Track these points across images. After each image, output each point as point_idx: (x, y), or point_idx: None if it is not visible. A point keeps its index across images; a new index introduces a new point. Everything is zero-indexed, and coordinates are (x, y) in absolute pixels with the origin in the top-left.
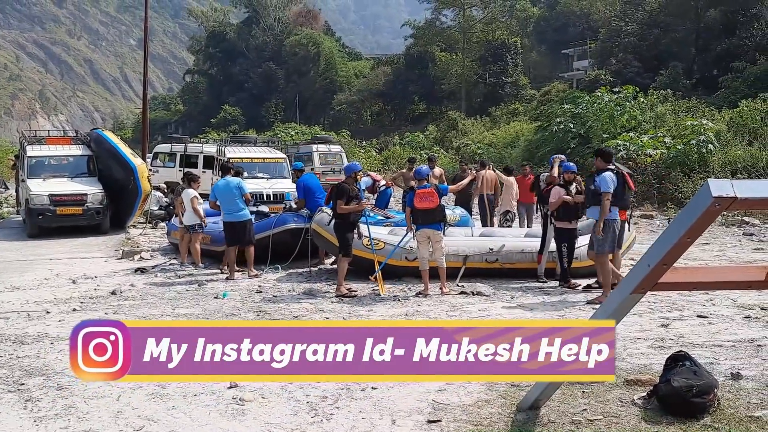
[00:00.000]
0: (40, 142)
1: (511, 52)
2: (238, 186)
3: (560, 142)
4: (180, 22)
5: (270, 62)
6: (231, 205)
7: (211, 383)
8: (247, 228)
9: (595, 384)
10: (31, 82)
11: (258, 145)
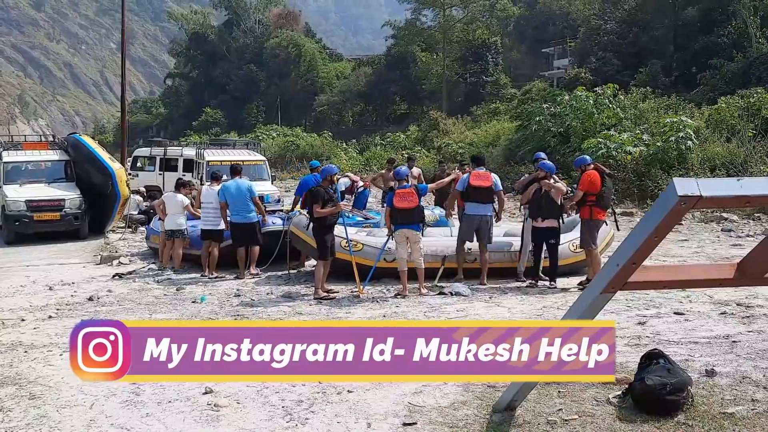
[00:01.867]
0: (17, 147)
1: (492, 52)
2: (248, 189)
3: (540, 141)
4: (160, 24)
5: (251, 64)
6: (241, 206)
7: (186, 389)
8: (255, 229)
9: (570, 383)
10: (10, 86)
11: (237, 147)
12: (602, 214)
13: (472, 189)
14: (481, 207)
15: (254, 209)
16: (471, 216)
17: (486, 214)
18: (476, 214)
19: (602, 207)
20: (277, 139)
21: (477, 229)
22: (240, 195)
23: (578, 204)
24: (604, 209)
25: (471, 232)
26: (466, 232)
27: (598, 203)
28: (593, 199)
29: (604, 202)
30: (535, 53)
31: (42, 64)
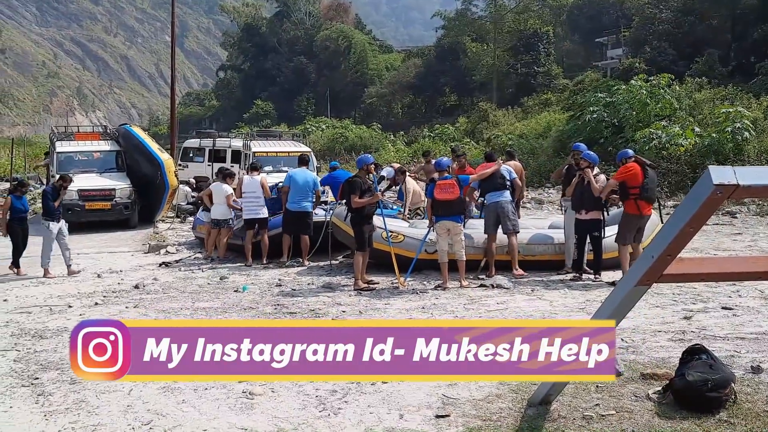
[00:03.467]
0: (70, 137)
1: (544, 42)
2: (314, 181)
3: (593, 132)
4: (214, 17)
5: (301, 56)
6: (301, 195)
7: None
8: (308, 219)
9: None
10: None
11: (283, 139)
12: (648, 208)
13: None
14: (495, 194)
15: (312, 201)
16: (488, 206)
17: (500, 200)
18: (491, 203)
19: (647, 200)
20: (326, 132)
21: (497, 218)
22: (305, 185)
23: (622, 197)
24: (650, 202)
25: (491, 223)
26: (487, 224)
27: (641, 196)
28: (636, 192)
29: (649, 195)
30: (588, 43)
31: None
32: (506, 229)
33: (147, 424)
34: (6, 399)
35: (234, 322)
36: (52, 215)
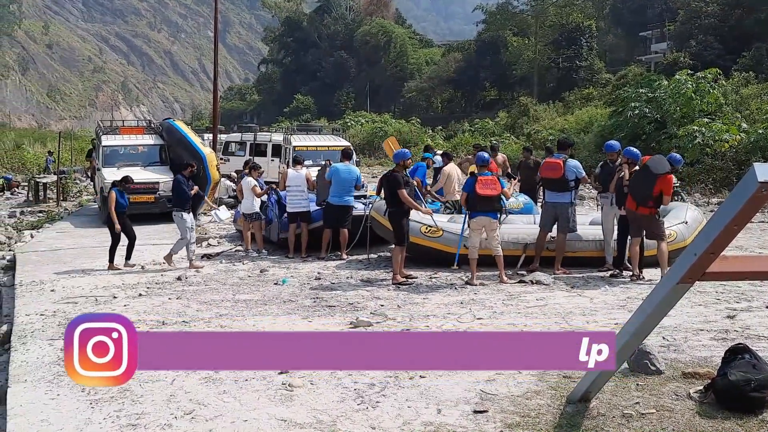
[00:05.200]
0: (115, 131)
1: (586, 36)
2: (357, 176)
3: (635, 128)
4: (255, 13)
5: (341, 51)
6: (343, 189)
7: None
8: (349, 213)
9: (650, 376)
10: (114, 74)
11: (323, 133)
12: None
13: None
14: (557, 195)
15: (353, 195)
16: (548, 204)
17: (562, 202)
18: (552, 202)
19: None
20: (366, 126)
21: (556, 217)
22: (349, 179)
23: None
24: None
25: (548, 221)
26: (544, 220)
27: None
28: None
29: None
30: (631, 37)
31: (144, 52)
32: (562, 229)
33: (189, 414)
34: (53, 387)
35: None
36: (184, 205)
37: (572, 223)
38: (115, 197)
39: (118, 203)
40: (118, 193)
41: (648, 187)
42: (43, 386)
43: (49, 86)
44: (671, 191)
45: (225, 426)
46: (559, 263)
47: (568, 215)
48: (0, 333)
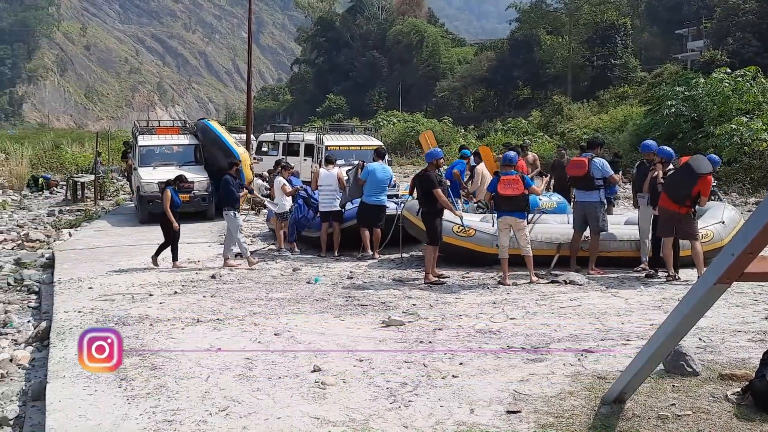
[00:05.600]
0: (151, 132)
1: (621, 34)
2: (391, 175)
3: (671, 126)
4: (289, 13)
5: (374, 51)
6: (378, 189)
7: (295, 366)
8: (383, 213)
9: (686, 378)
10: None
11: (355, 133)
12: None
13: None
14: (584, 194)
15: (386, 195)
16: (577, 203)
17: (590, 201)
18: (581, 201)
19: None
20: (398, 125)
21: (584, 217)
22: (384, 178)
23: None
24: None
25: (578, 221)
26: (575, 220)
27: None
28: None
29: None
30: (667, 35)
31: (179, 53)
32: (593, 229)
33: (223, 411)
34: (91, 383)
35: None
36: (234, 204)
37: (602, 222)
38: (170, 196)
39: (173, 202)
40: (173, 192)
41: (688, 187)
42: (81, 382)
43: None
44: (709, 192)
45: (259, 423)
46: (593, 263)
47: (597, 214)
48: (39, 330)
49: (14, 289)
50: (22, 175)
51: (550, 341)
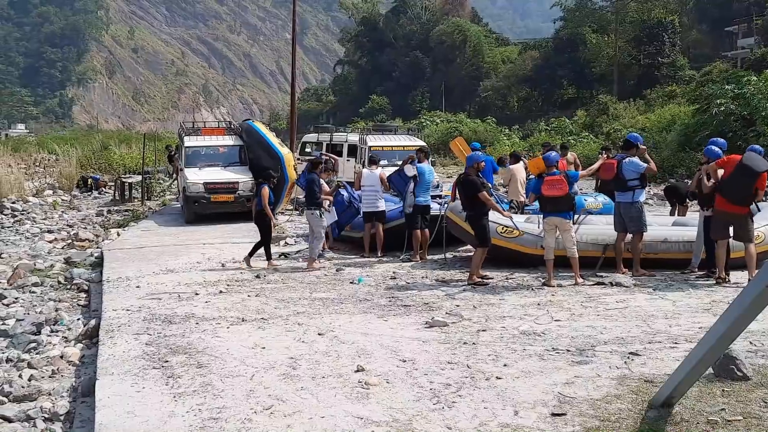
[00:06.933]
0: (197, 132)
1: (669, 32)
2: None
3: (721, 126)
4: (332, 14)
5: (417, 51)
6: (426, 189)
7: (339, 366)
8: (429, 213)
9: (736, 382)
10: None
11: (398, 133)
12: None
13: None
14: (621, 195)
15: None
16: (616, 204)
17: (626, 201)
18: (618, 202)
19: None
20: (441, 126)
21: (622, 218)
22: (431, 180)
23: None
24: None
25: (617, 222)
26: (615, 221)
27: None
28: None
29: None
30: (716, 32)
31: (224, 55)
32: (630, 230)
33: (268, 409)
34: (139, 380)
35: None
36: (318, 204)
37: (640, 223)
38: (268, 193)
39: (270, 199)
40: (270, 190)
41: (748, 187)
42: (129, 379)
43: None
44: (765, 186)
45: (303, 422)
46: (638, 265)
47: (632, 215)
48: (89, 327)
49: (64, 288)
50: (71, 175)
51: (595, 343)
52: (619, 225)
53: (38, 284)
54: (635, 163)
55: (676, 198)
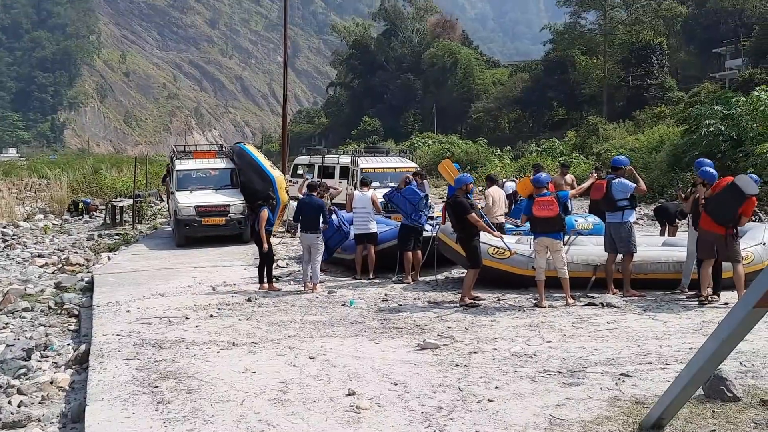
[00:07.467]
0: (188, 156)
1: (657, 53)
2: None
3: (710, 146)
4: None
5: (408, 73)
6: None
7: (330, 390)
8: (421, 235)
9: (726, 403)
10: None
11: (390, 155)
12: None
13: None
14: (611, 215)
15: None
16: (606, 225)
17: (615, 222)
18: (607, 222)
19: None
20: (432, 147)
21: (612, 239)
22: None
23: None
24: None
25: (607, 242)
26: (606, 242)
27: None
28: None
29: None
30: (704, 54)
31: (216, 78)
32: (620, 250)
33: None
34: (129, 405)
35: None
36: (318, 228)
37: (629, 243)
38: (267, 215)
39: (268, 221)
40: (269, 211)
41: (734, 208)
42: (118, 405)
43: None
44: (752, 213)
45: None
46: (629, 285)
47: (622, 235)
48: (79, 353)
49: (55, 313)
50: (62, 199)
51: (586, 365)
52: (610, 246)
53: (28, 309)
54: (624, 183)
55: (665, 218)
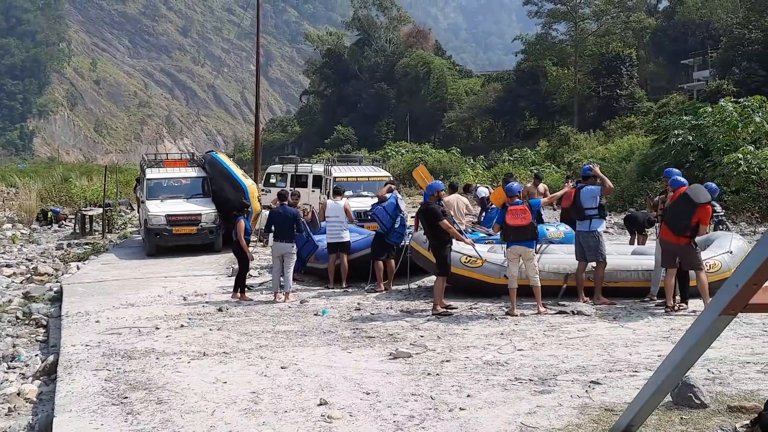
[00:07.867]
0: (159, 164)
1: (626, 65)
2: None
3: (678, 156)
4: (297, 46)
5: (382, 83)
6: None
7: (302, 400)
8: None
9: (694, 410)
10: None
11: (363, 164)
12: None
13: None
14: (580, 224)
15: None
16: (576, 233)
17: (584, 230)
18: (577, 231)
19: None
20: (406, 156)
21: (581, 246)
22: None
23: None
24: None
25: (577, 251)
26: (576, 251)
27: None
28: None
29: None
30: (672, 65)
31: (188, 86)
32: (589, 259)
33: None
34: (97, 417)
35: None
36: (292, 238)
37: (597, 252)
38: (244, 225)
39: (246, 231)
40: (246, 221)
41: (687, 217)
42: (87, 416)
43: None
44: (709, 221)
45: None
46: (599, 293)
47: (590, 244)
48: (47, 363)
49: (23, 323)
50: (31, 208)
51: (557, 372)
52: (580, 254)
53: None
54: (591, 189)
55: (635, 227)
